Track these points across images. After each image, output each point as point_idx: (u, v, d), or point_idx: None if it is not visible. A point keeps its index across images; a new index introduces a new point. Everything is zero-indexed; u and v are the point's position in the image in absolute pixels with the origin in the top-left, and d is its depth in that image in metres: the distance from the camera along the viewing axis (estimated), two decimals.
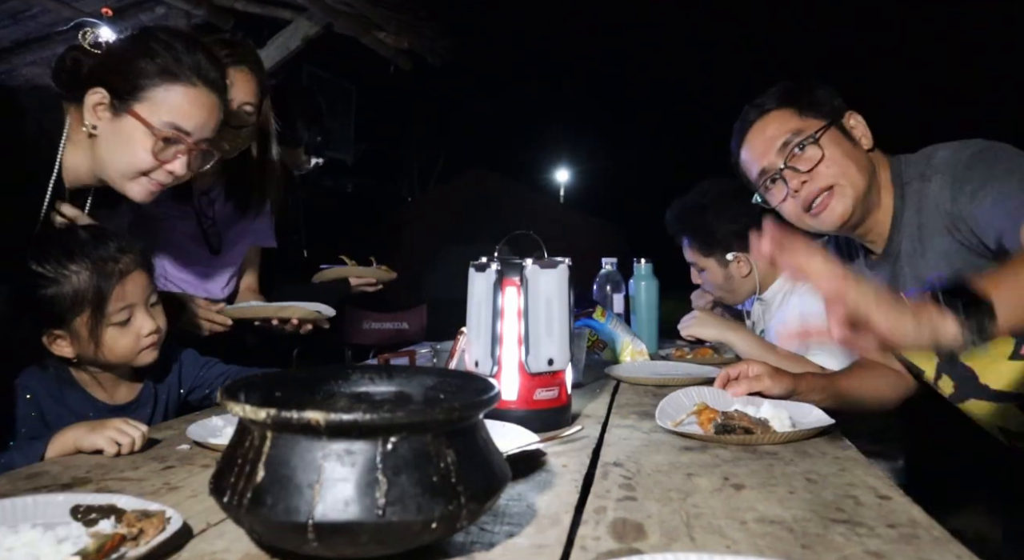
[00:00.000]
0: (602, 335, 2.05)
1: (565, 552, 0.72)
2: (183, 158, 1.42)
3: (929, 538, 0.75)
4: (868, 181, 1.39)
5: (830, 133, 1.41)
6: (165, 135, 1.38)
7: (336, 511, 0.61)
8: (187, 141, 1.41)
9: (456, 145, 18.20)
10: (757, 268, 2.05)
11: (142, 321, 1.34)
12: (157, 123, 1.37)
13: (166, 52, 1.38)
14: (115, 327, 1.31)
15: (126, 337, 1.32)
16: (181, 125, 1.39)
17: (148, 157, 1.38)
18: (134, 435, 1.09)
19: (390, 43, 4.64)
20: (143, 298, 1.35)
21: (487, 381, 0.78)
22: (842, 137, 1.42)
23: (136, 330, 1.33)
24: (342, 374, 0.85)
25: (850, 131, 1.44)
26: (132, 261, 1.34)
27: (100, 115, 1.37)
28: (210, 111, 1.44)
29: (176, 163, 1.41)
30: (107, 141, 1.38)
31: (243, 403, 0.64)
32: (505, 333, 1.23)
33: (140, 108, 1.37)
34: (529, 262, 1.24)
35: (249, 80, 1.80)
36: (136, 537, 0.69)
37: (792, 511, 0.83)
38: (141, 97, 1.37)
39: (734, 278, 2.09)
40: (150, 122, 1.37)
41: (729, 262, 2.06)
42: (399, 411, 0.63)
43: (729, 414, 1.20)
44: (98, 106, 1.37)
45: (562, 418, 1.27)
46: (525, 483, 0.94)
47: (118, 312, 1.31)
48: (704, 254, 2.11)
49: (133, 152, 1.38)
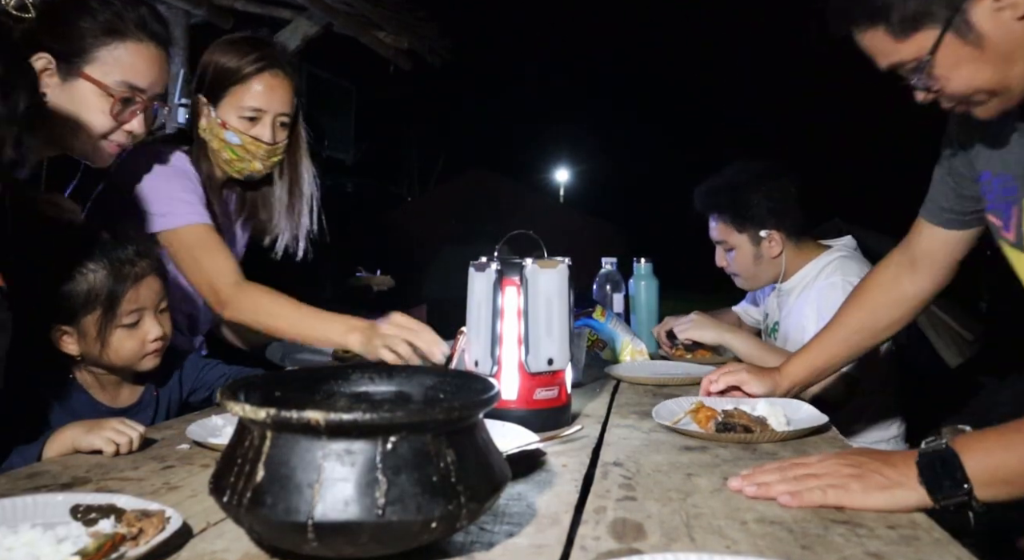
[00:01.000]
0: (602, 335, 2.05)
1: (565, 552, 0.72)
2: (140, 117, 1.38)
3: (929, 539, 0.75)
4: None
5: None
6: (123, 95, 1.34)
7: (336, 511, 0.61)
8: (142, 98, 1.37)
9: (456, 145, 18.22)
10: (787, 249, 2.03)
11: (150, 326, 1.34)
12: (112, 83, 1.33)
13: (106, 9, 1.33)
14: (123, 329, 1.31)
15: (132, 340, 1.32)
16: (136, 83, 1.35)
17: (107, 119, 1.34)
18: (131, 435, 1.09)
19: (390, 43, 4.64)
20: (154, 303, 1.35)
21: (487, 381, 0.78)
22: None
23: (143, 334, 1.33)
24: (342, 374, 0.85)
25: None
26: (148, 266, 1.34)
27: (47, 81, 1.30)
28: (160, 66, 1.40)
29: (135, 122, 1.38)
30: (60, 108, 1.32)
31: (243, 403, 0.64)
32: (505, 333, 1.23)
33: (91, 70, 1.32)
34: (529, 262, 1.24)
35: (285, 87, 1.68)
36: (136, 537, 0.69)
37: (792, 511, 0.83)
38: (90, 58, 1.32)
39: (763, 258, 2.05)
40: (105, 83, 1.32)
41: (762, 239, 2.03)
42: (399, 411, 0.63)
43: (729, 412, 1.21)
44: (43, 73, 1.29)
45: (562, 418, 1.27)
46: (525, 483, 0.94)
47: (128, 314, 1.31)
48: (737, 230, 2.06)
49: (91, 116, 1.33)
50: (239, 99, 1.64)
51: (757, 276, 2.10)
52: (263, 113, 1.65)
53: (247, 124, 1.64)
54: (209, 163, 1.71)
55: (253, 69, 1.64)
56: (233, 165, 1.69)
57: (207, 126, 1.67)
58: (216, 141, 1.67)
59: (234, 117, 1.64)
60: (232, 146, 1.66)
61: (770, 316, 2.19)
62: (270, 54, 1.67)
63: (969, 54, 0.99)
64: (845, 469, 0.87)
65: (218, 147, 1.67)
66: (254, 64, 1.64)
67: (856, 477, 0.85)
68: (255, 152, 1.66)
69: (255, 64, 1.64)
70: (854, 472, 0.86)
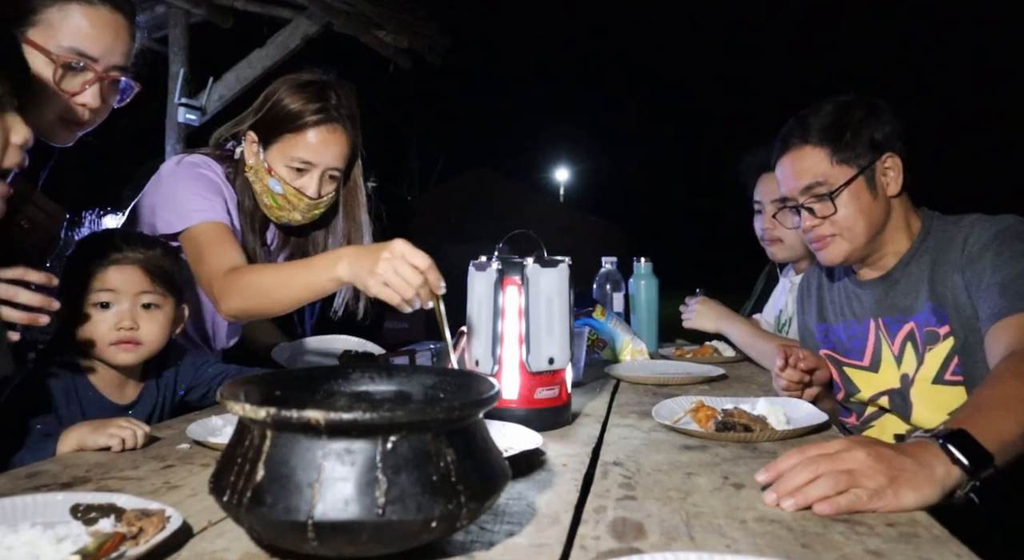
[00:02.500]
0: (602, 334, 2.05)
1: (565, 551, 0.72)
2: (93, 88, 1.27)
3: (929, 537, 0.75)
4: (873, 234, 1.50)
5: (853, 186, 1.48)
6: (66, 60, 1.23)
7: (336, 510, 0.61)
8: (95, 69, 1.28)
9: (456, 145, 18.23)
10: None
11: (121, 314, 1.35)
12: (56, 48, 1.22)
13: None
14: (95, 308, 1.34)
15: (103, 323, 1.34)
16: (85, 50, 1.25)
17: (53, 89, 1.24)
18: (136, 431, 1.11)
19: (390, 42, 4.64)
20: (131, 292, 1.36)
21: (487, 380, 0.78)
22: (864, 189, 1.49)
23: (114, 319, 1.34)
24: (342, 373, 0.85)
25: (880, 176, 1.49)
26: (131, 257, 1.37)
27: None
28: (116, 32, 1.28)
29: (87, 95, 1.28)
30: None
31: (243, 402, 0.64)
32: (506, 332, 1.23)
33: (35, 34, 1.22)
34: (530, 261, 1.24)
35: (342, 143, 1.60)
36: (136, 536, 0.69)
37: None
38: (34, 21, 1.22)
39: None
40: (47, 48, 1.22)
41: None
42: (399, 410, 0.63)
43: (729, 411, 1.21)
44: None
45: (562, 417, 1.27)
46: (525, 482, 0.94)
47: (100, 292, 1.33)
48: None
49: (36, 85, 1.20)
50: (290, 148, 1.58)
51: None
52: (312, 167, 1.59)
53: (294, 174, 1.59)
54: (252, 199, 1.68)
55: (312, 120, 1.57)
56: (272, 211, 1.66)
57: (255, 166, 1.63)
58: (260, 184, 1.64)
59: (281, 165, 1.59)
60: (274, 194, 1.62)
61: (784, 312, 2.18)
62: (334, 107, 1.60)
63: (868, 200, 1.47)
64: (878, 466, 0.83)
65: (260, 190, 1.64)
66: (314, 115, 1.57)
67: (891, 478, 0.83)
68: (296, 204, 1.62)
69: (315, 115, 1.57)
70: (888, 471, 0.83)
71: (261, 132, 1.62)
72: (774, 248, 2.22)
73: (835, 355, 1.63)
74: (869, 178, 1.48)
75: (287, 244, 1.79)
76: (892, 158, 1.49)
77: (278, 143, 1.59)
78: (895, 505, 0.82)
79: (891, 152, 1.49)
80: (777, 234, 2.16)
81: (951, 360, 1.42)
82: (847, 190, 1.47)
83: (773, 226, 2.12)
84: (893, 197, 1.50)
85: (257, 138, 1.62)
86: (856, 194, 1.48)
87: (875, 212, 1.49)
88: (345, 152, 1.63)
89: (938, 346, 1.44)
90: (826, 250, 1.53)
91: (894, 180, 1.49)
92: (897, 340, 1.51)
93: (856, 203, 1.48)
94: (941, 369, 1.43)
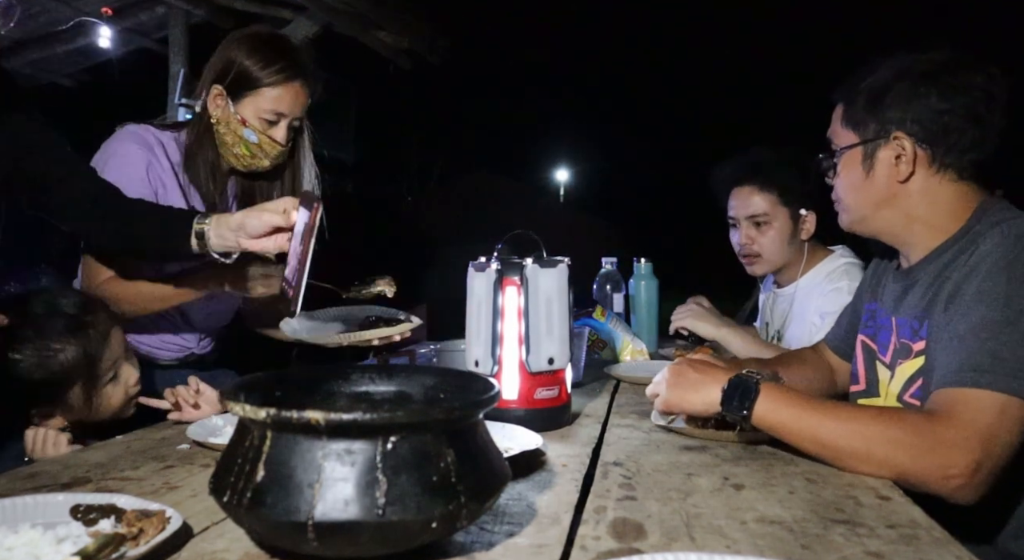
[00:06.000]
0: (602, 334, 2.05)
1: (565, 552, 0.72)
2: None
3: (929, 539, 0.75)
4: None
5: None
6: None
7: (336, 511, 0.61)
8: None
9: (456, 145, 18.21)
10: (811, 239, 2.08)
11: (128, 372, 1.38)
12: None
13: None
14: (108, 385, 1.35)
15: (117, 391, 1.36)
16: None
17: None
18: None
19: (390, 43, 4.64)
20: (123, 351, 1.39)
21: (487, 380, 0.78)
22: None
23: (124, 382, 1.37)
24: (342, 374, 0.85)
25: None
26: (105, 318, 1.36)
27: None
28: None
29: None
30: None
31: (243, 403, 0.64)
32: (505, 332, 1.23)
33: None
34: (529, 261, 1.24)
35: (305, 94, 1.70)
36: (136, 537, 0.69)
37: (792, 511, 0.83)
38: None
39: (796, 240, 2.05)
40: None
41: (802, 217, 2.04)
42: (399, 411, 0.63)
43: None
44: None
45: (562, 417, 1.27)
46: (525, 483, 0.94)
47: (108, 370, 1.34)
48: (782, 203, 2.04)
49: None
50: (262, 101, 1.66)
51: (772, 258, 2.08)
52: (283, 117, 1.67)
53: (265, 125, 1.66)
54: (215, 150, 1.72)
55: (280, 77, 1.66)
56: (243, 160, 1.71)
57: (223, 118, 1.68)
58: (232, 135, 1.68)
59: (253, 116, 1.66)
60: (248, 143, 1.68)
61: (771, 326, 2.18)
62: (297, 62, 1.69)
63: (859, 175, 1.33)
64: (670, 378, 1.19)
65: (232, 141, 1.68)
66: (281, 73, 1.66)
67: (672, 385, 1.18)
68: (268, 151, 1.68)
69: (282, 73, 1.66)
70: (672, 380, 1.18)
71: (231, 88, 1.68)
72: (753, 265, 2.13)
73: (870, 343, 1.40)
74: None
75: (243, 192, 1.85)
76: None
77: (248, 97, 1.67)
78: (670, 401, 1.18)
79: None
80: (755, 249, 2.08)
81: (914, 381, 1.22)
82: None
83: (751, 241, 2.08)
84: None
85: (225, 92, 1.68)
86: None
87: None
88: (306, 102, 1.73)
89: (907, 362, 1.25)
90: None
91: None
92: None
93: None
94: (904, 388, 1.25)
